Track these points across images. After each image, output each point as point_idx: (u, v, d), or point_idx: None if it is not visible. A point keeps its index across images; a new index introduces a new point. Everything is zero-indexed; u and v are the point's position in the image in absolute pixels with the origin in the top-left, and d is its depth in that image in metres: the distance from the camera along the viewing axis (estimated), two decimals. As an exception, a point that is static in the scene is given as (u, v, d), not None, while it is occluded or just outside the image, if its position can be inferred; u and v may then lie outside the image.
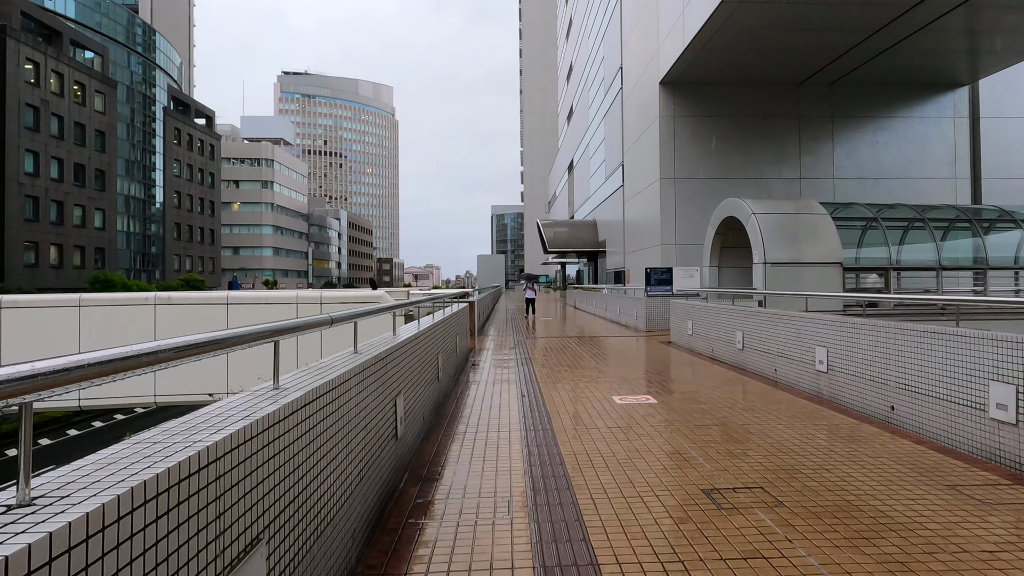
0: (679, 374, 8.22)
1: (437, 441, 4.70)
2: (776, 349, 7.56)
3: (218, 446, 1.53)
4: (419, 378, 4.74)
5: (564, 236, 41.73)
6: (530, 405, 6.09)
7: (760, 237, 12.94)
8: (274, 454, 1.89)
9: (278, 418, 1.91)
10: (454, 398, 6.50)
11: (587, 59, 41.62)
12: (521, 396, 6.59)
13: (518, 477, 3.77)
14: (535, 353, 10.70)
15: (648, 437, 4.75)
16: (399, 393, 3.83)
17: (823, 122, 21.80)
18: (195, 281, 54.41)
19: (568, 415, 5.62)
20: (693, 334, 11.03)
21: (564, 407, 5.99)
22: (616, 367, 8.87)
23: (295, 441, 2.05)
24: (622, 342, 12.82)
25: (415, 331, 4.90)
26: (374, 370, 3.22)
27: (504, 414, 5.70)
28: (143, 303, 9.49)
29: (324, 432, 2.37)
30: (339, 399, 2.60)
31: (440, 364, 6.12)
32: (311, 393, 2.21)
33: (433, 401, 5.62)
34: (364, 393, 3.02)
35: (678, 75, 20.20)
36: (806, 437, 4.73)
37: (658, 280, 15.29)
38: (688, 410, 5.78)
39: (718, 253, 15.56)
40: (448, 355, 7.08)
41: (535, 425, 5.21)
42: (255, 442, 1.74)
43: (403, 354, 4.09)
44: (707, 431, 4.94)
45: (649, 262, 23.16)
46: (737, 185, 20.93)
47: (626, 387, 7.09)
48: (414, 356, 4.58)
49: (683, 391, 6.83)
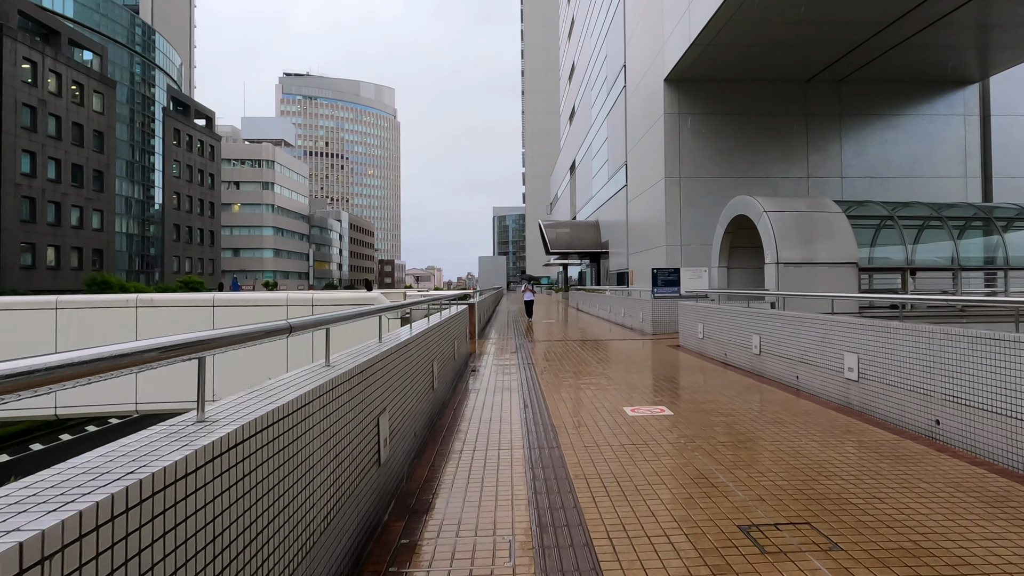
0: (692, 381, 7.68)
1: (430, 461, 4.17)
2: (798, 355, 7.02)
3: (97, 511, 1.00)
4: (410, 390, 4.22)
5: (566, 237, 41.29)
6: (534, 417, 5.56)
7: (772, 236, 12.40)
8: (188, 515, 1.37)
9: (194, 465, 1.39)
10: (451, 408, 5.97)
11: (589, 58, 41.17)
12: (524, 406, 6.06)
13: (521, 509, 3.24)
14: (538, 358, 10.17)
15: (667, 457, 4.22)
16: (383, 411, 3.30)
17: (831, 120, 21.30)
18: (194, 283, 53.92)
19: (576, 429, 5.08)
20: (704, 338, 10.49)
21: (571, 419, 5.45)
22: (624, 373, 8.34)
23: (223, 493, 1.53)
24: (629, 346, 12.29)
25: (406, 336, 4.38)
26: (349, 387, 2.70)
27: (505, 428, 5.17)
28: (123, 305, 8.96)
29: (273, 474, 1.85)
30: (297, 427, 2.08)
31: (435, 372, 5.60)
32: (250, 426, 1.68)
33: (427, 414, 5.10)
34: (335, 417, 2.49)
35: (683, 72, 19.70)
36: (846, 456, 4.20)
37: (665, 281, 14.75)
38: (708, 423, 5.25)
39: (727, 253, 15.02)
40: (445, 361, 6.56)
41: (540, 441, 4.68)
42: (154, 502, 1.23)
43: (390, 365, 3.56)
44: (732, 449, 4.40)
45: (653, 263, 22.63)
46: (744, 184, 20.45)
47: (637, 396, 6.56)
48: (404, 365, 4.06)
49: (699, 401, 6.30)
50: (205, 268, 68.14)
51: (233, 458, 1.58)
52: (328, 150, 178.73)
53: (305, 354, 9.23)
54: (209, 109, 70.78)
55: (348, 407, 2.68)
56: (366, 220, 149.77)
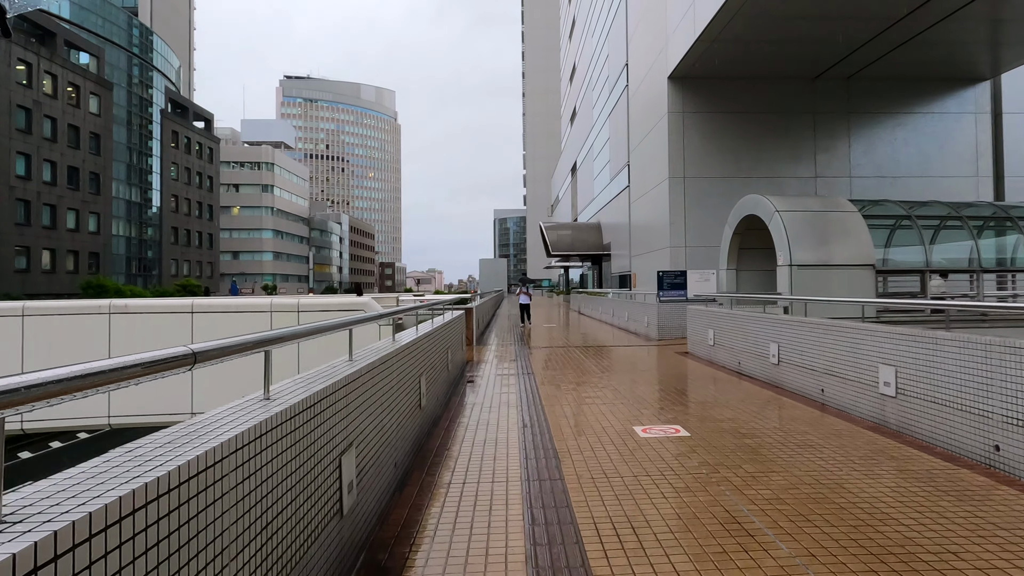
0: (706, 394, 7.06)
1: (411, 498, 3.56)
2: (823, 366, 6.41)
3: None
4: (389, 415, 3.62)
5: (567, 239, 40.79)
6: (534, 439, 4.95)
7: (785, 237, 11.79)
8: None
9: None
10: (442, 428, 5.37)
11: (591, 58, 40.69)
12: (523, 425, 5.45)
13: (517, 567, 2.63)
14: (538, 366, 9.56)
15: (689, 492, 3.61)
16: (348, 448, 2.69)
17: (839, 118, 20.74)
18: (191, 286, 53.38)
19: (580, 454, 4.47)
20: (715, 344, 9.88)
21: (575, 442, 4.85)
22: (631, 384, 7.73)
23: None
24: (634, 353, 11.68)
25: (387, 351, 3.78)
26: (295, 426, 2.10)
27: (501, 452, 4.56)
28: (96, 312, 8.36)
29: (171, 558, 1.24)
30: (206, 493, 1.48)
31: (424, 389, 4.99)
32: (68, 532, 1.08)
33: (413, 437, 4.50)
34: (270, 469, 1.89)
35: (687, 69, 19.16)
36: (899, 491, 3.59)
37: (671, 284, 14.14)
38: (731, 447, 4.64)
39: (736, 255, 14.41)
40: (437, 374, 5.96)
41: (540, 471, 4.07)
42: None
43: (360, 389, 2.97)
44: (763, 481, 3.79)
45: (657, 265, 22.05)
46: (750, 184, 19.90)
47: (648, 412, 5.95)
48: (382, 386, 3.46)
49: (717, 418, 5.68)
50: (204, 271, 67.60)
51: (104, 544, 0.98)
52: (329, 153, 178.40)
53: (290, 366, 8.64)
54: (208, 111, 70.34)
55: (293, 452, 2.08)
56: (367, 223, 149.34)
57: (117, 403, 8.35)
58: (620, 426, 5.37)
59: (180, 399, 8.48)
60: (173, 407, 8.30)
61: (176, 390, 8.47)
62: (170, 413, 8.29)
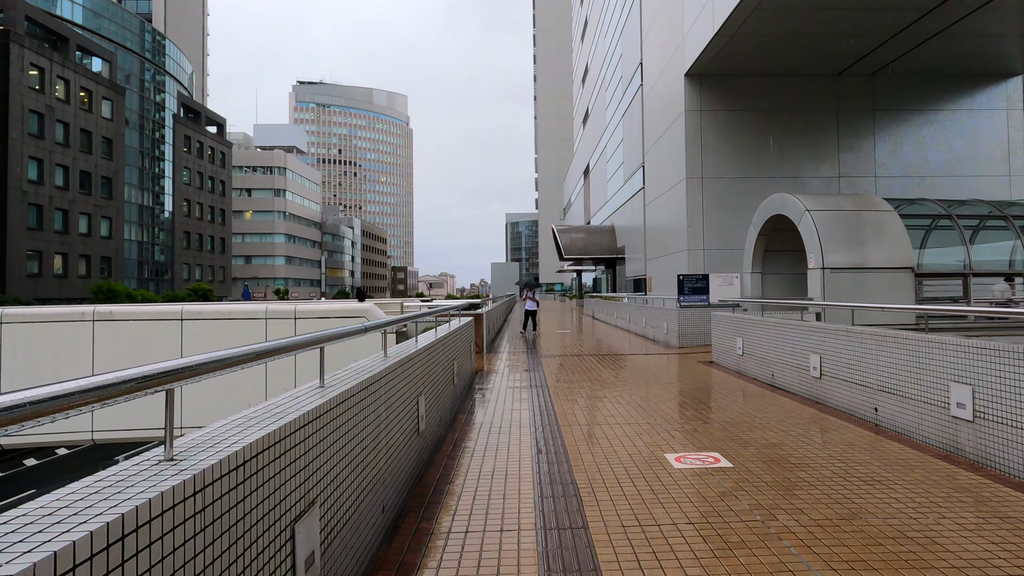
0: (740, 411, 6.33)
1: (400, 556, 2.89)
2: (877, 382, 5.66)
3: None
4: (372, 452, 2.95)
5: (580, 242, 40.15)
6: (550, 472, 4.25)
7: (817, 238, 11.02)
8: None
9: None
10: (444, 454, 4.69)
11: (604, 58, 40.05)
12: (537, 451, 4.77)
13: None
14: (553, 378, 8.87)
15: (744, 548, 2.90)
16: (305, 512, 2.02)
17: (864, 116, 19.89)
18: (203, 290, 53.26)
19: (607, 491, 3.78)
20: (744, 354, 9.13)
21: (599, 474, 4.15)
22: (656, 400, 7.01)
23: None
24: (654, 363, 10.94)
25: (373, 371, 3.11)
26: (218, 492, 1.44)
27: (513, 489, 3.87)
28: (78, 319, 7.79)
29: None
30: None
31: (422, 411, 4.33)
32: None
33: (408, 470, 3.83)
34: (180, 554, 1.23)
35: (705, 66, 18.44)
36: (1009, 548, 2.86)
37: (692, 288, 13.39)
38: (783, 482, 3.92)
39: (761, 257, 13.63)
40: (440, 391, 5.30)
41: (560, 515, 3.38)
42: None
43: (329, 426, 2.30)
44: (836, 533, 3.07)
45: (674, 269, 21.31)
46: (770, 184, 19.12)
47: (679, 435, 5.23)
48: (363, 417, 2.80)
49: (758, 442, 4.96)
50: (216, 275, 67.61)
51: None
52: (341, 157, 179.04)
53: (287, 379, 8.02)
54: (220, 116, 70.49)
55: (215, 530, 1.42)
56: (379, 227, 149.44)
57: (102, 418, 7.78)
58: (649, 452, 4.66)
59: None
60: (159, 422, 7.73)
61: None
62: (159, 428, 7.70)
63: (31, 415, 1.05)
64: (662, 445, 4.89)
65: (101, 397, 1.20)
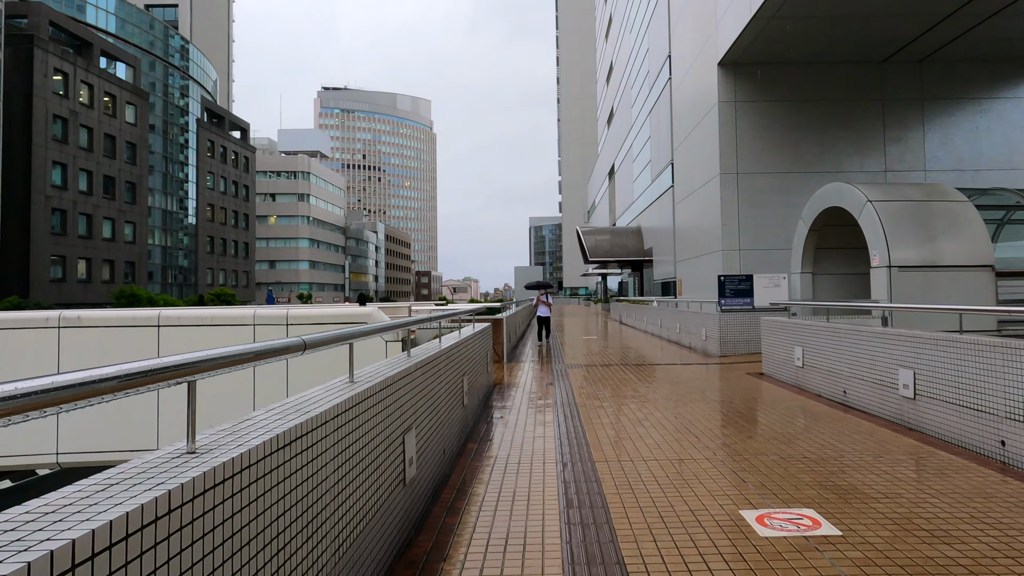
0: (820, 442, 5.07)
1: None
2: (1005, 407, 4.39)
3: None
4: (324, 516, 1.84)
5: (606, 244, 38.92)
6: (586, 540, 3.08)
7: (882, 233, 9.66)
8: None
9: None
10: (443, 506, 3.56)
11: (629, 54, 38.83)
12: (567, 503, 3.60)
13: None
14: (583, 393, 7.69)
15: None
16: None
17: (912, 105, 18.31)
18: (226, 295, 53.16)
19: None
20: (805, 366, 7.83)
21: (658, 549, 2.97)
22: (710, 424, 5.79)
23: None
24: (696, 374, 9.67)
25: (331, 403, 2.01)
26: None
27: (534, 570, 2.73)
28: (43, 325, 6.86)
29: None
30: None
31: (410, 454, 3.20)
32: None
33: (391, 535, 2.71)
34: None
35: (740, 54, 17.13)
36: None
37: (735, 291, 12.08)
38: (919, 561, 2.71)
39: (811, 256, 12.26)
40: (440, 420, 4.17)
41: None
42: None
43: (239, 495, 1.21)
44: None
45: (705, 271, 19.97)
46: (811, 180, 17.71)
47: (753, 479, 4.02)
48: (317, 464, 1.69)
49: (862, 492, 3.72)
50: (240, 280, 67.70)
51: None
52: (365, 162, 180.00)
53: (278, 387, 6.98)
54: (244, 120, 70.74)
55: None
56: (403, 231, 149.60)
57: (68, 439, 6.82)
58: (719, 508, 3.46)
59: (146, 431, 6.93)
60: (141, 441, 6.75)
61: (142, 419, 6.93)
62: (131, 450, 6.73)
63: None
64: (733, 495, 3.68)
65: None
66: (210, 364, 1.49)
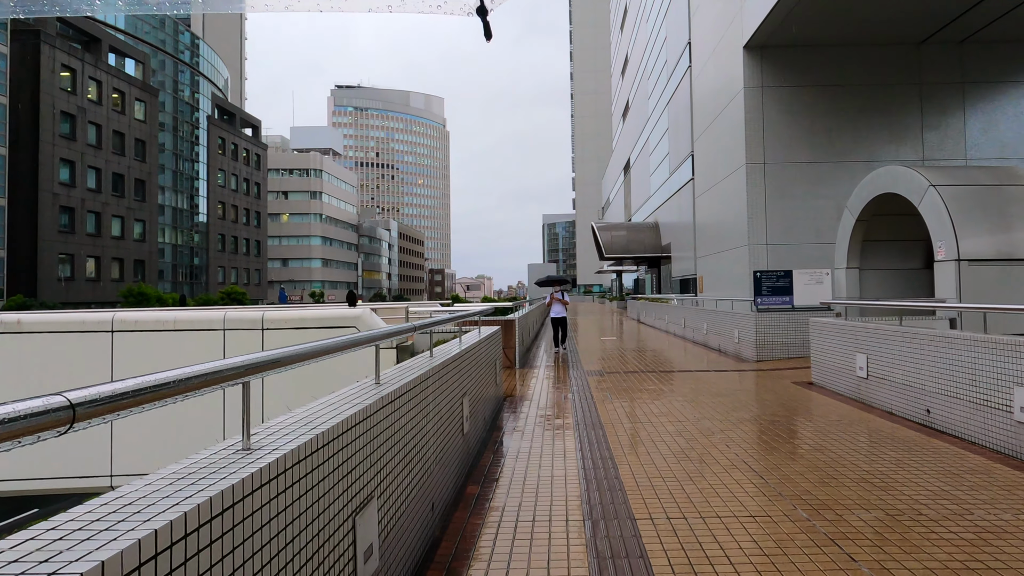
0: (929, 488, 3.92)
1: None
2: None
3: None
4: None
5: (622, 240, 37.72)
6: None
7: (948, 221, 8.43)
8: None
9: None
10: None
11: (646, 44, 37.55)
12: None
13: None
14: (607, 409, 6.57)
15: None
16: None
17: (951, 90, 16.97)
18: (236, 294, 52.53)
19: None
20: (870, 377, 6.66)
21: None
22: (773, 456, 4.65)
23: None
24: (734, 384, 8.50)
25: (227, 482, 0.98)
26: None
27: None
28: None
29: None
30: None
31: (370, 536, 2.12)
32: None
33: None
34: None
35: (767, 36, 15.94)
36: None
37: (772, 288, 10.87)
38: None
39: (858, 250, 11.02)
40: (421, 473, 3.09)
41: None
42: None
43: None
44: None
45: (729, 267, 18.75)
46: (843, 169, 16.52)
47: (865, 551, 2.90)
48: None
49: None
50: (251, 278, 67.22)
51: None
52: (379, 160, 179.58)
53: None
54: (255, 118, 70.21)
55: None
56: (416, 229, 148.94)
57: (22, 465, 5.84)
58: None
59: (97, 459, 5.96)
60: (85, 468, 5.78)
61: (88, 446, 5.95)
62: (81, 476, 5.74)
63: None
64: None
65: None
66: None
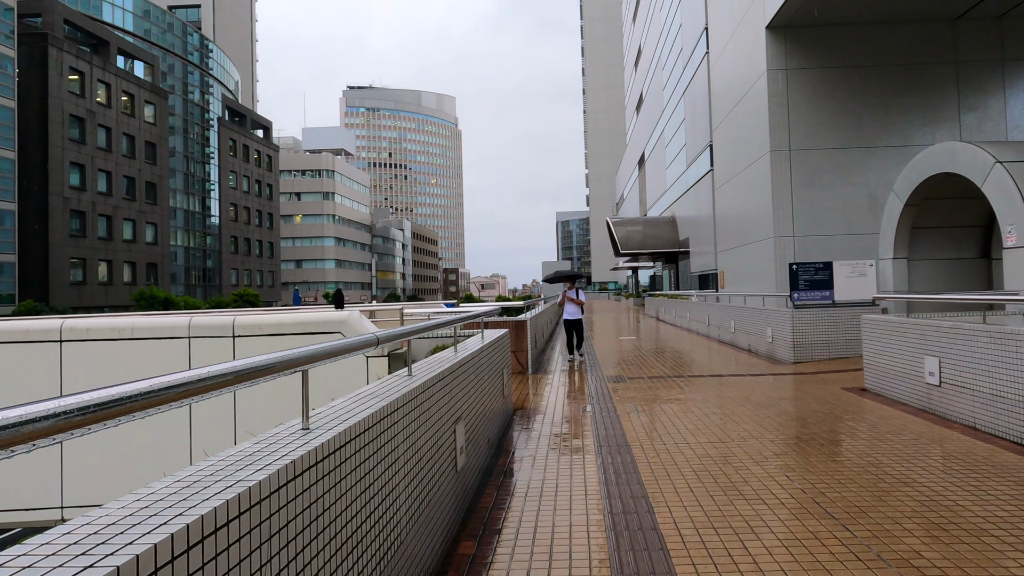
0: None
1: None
2: None
3: None
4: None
5: (638, 236, 36.64)
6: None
7: (1020, 202, 7.37)
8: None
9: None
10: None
11: (660, 33, 36.43)
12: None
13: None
14: (633, 426, 5.65)
15: None
16: None
17: (991, 68, 15.74)
18: (249, 296, 52.12)
19: None
20: (943, 384, 5.67)
21: None
22: (836, 484, 3.70)
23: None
24: (776, 391, 7.51)
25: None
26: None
27: None
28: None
29: None
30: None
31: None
32: None
33: None
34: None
35: (792, 15, 14.88)
36: None
37: (810, 282, 9.84)
38: None
39: (906, 238, 9.97)
40: (406, 521, 2.22)
41: None
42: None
43: None
44: None
45: (752, 261, 17.65)
46: (874, 155, 15.39)
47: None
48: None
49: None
50: (264, 280, 66.99)
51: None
52: (392, 160, 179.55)
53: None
54: (266, 119, 69.96)
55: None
56: (429, 229, 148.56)
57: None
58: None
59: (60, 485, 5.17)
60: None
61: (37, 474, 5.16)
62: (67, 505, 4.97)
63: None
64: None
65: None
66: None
